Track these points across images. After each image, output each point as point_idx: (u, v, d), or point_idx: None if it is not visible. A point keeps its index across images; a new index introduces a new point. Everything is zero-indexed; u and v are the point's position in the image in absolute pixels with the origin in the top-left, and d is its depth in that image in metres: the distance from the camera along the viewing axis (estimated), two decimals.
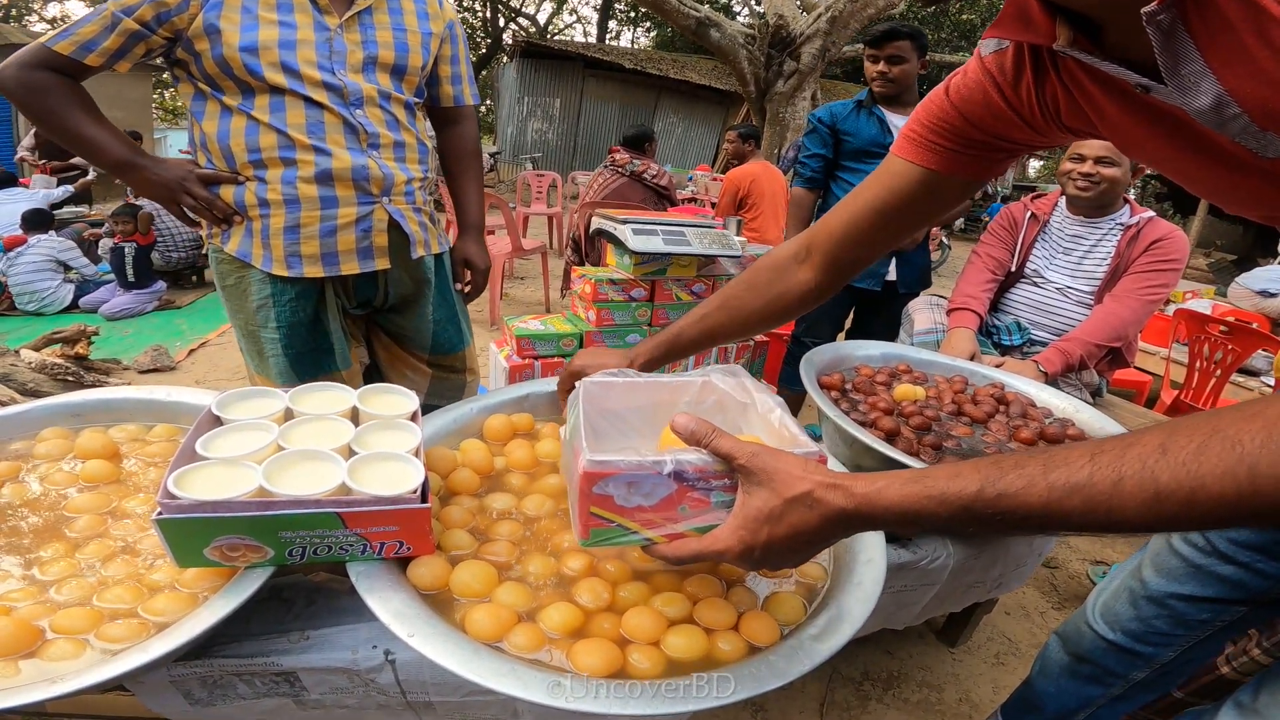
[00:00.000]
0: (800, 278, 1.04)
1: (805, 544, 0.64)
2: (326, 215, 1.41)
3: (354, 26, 1.40)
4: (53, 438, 1.06)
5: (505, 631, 0.75)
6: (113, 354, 3.65)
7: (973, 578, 1.38)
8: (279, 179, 1.38)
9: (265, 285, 1.43)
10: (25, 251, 4.47)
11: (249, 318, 1.46)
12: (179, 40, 1.31)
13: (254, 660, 0.83)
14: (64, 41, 1.28)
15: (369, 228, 1.46)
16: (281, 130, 1.35)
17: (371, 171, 1.43)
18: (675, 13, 7.55)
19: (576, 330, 2.09)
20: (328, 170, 1.39)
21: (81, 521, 0.89)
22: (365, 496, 0.76)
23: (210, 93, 1.36)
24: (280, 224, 1.39)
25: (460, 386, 1.80)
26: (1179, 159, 0.63)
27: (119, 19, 1.27)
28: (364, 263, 1.48)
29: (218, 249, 1.44)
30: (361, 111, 1.41)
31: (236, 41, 1.30)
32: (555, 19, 22.56)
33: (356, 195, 1.43)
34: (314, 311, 1.48)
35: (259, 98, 1.35)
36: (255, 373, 1.54)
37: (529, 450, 1.10)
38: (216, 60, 1.31)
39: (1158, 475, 0.47)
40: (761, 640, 0.77)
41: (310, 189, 1.39)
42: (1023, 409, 1.46)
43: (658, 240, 2.06)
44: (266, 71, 1.32)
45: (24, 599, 0.77)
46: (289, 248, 1.41)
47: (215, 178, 1.39)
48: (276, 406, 0.94)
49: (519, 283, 6.10)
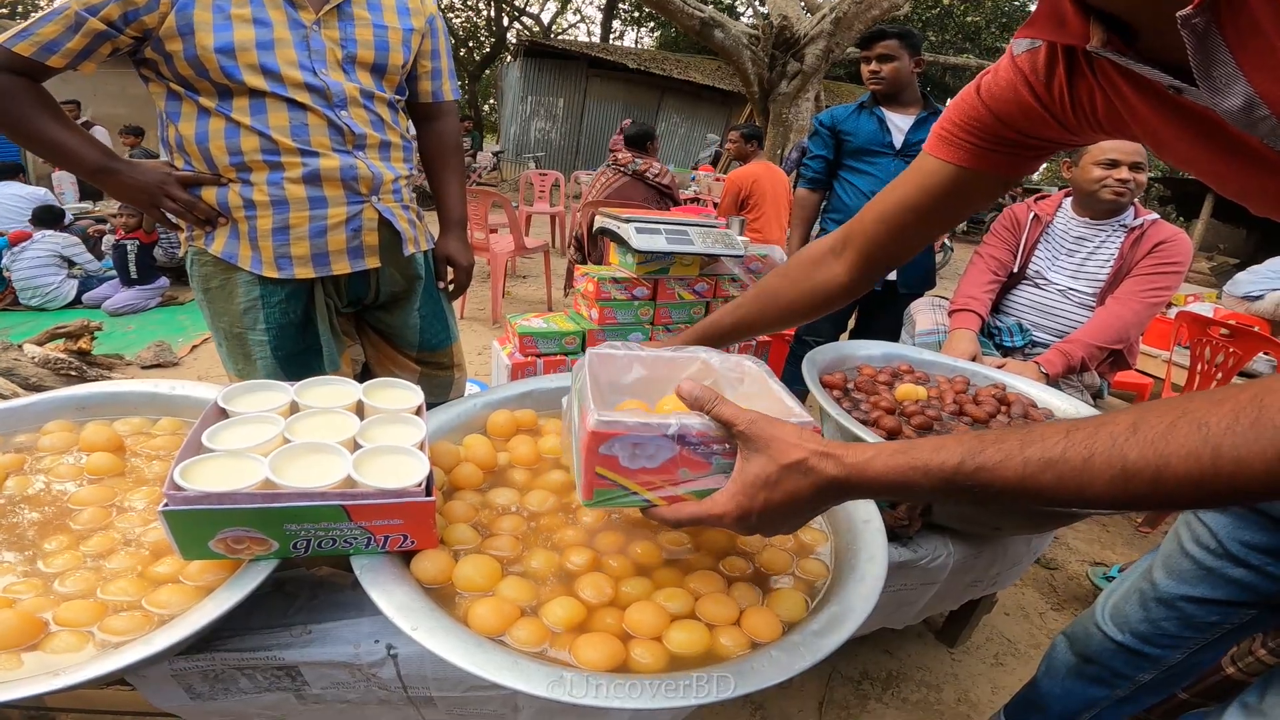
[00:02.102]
0: (834, 271, 1.04)
1: (799, 510, 0.66)
2: (316, 215, 1.39)
3: (332, 23, 1.36)
4: (57, 430, 1.06)
5: (508, 626, 0.75)
6: (116, 349, 3.66)
7: (972, 576, 1.38)
8: (264, 180, 1.35)
9: (254, 287, 1.40)
10: (30, 246, 4.48)
11: (234, 320, 1.43)
12: (148, 39, 1.26)
13: (256, 654, 0.83)
14: (23, 43, 1.21)
15: (359, 227, 1.45)
16: (264, 133, 1.32)
17: (360, 171, 1.42)
18: (679, 13, 7.55)
19: (579, 328, 2.09)
20: (315, 171, 1.37)
21: (86, 514, 0.90)
22: (370, 490, 0.76)
23: (184, 93, 1.31)
24: (269, 225, 1.37)
25: (449, 383, 1.80)
26: (1210, 160, 0.64)
27: (83, 19, 1.21)
28: (355, 262, 1.47)
29: (200, 251, 1.40)
30: (346, 112, 1.39)
31: (211, 42, 1.25)
32: (559, 18, 22.58)
33: (345, 195, 1.41)
34: (304, 313, 1.47)
35: (237, 99, 1.31)
36: (237, 376, 1.50)
37: (532, 446, 1.11)
38: (189, 60, 1.26)
39: (1126, 453, 0.48)
40: (763, 636, 0.77)
41: (298, 190, 1.37)
42: (1024, 410, 1.46)
43: (661, 239, 2.06)
44: (245, 74, 1.28)
45: (27, 591, 0.77)
46: (279, 249, 1.38)
47: (195, 179, 1.35)
48: (282, 400, 0.94)
49: (522, 281, 6.11)
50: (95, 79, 13.63)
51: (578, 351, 2.10)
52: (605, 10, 19.57)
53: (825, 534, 0.99)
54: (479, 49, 20.92)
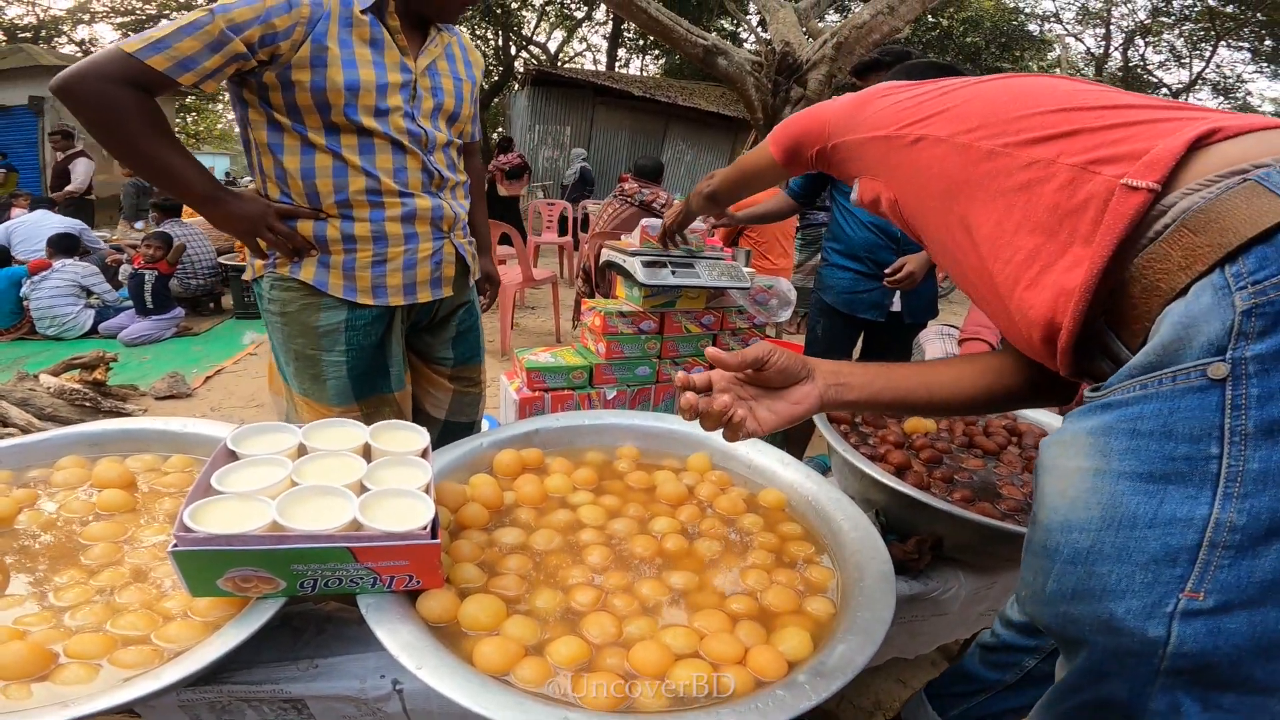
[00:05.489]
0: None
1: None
2: (409, 250, 1.46)
3: (425, 73, 1.42)
4: (70, 466, 1.08)
5: (513, 664, 0.76)
6: (130, 380, 3.70)
7: (986, 605, 1.37)
8: (366, 217, 1.40)
9: (339, 311, 1.44)
10: (50, 276, 4.54)
11: (310, 342, 1.46)
12: (272, 65, 1.25)
13: (263, 687, 0.84)
14: (158, 56, 1.16)
15: (440, 260, 1.53)
16: (371, 173, 1.36)
17: (444, 211, 1.50)
18: (683, 41, 7.66)
19: (586, 363, 2.10)
20: (413, 211, 1.44)
21: (97, 549, 0.91)
22: (376, 532, 0.77)
23: (290, 125, 1.31)
24: (368, 259, 1.42)
25: (477, 400, 1.86)
26: None
27: (228, 38, 1.18)
28: (435, 291, 1.55)
29: (282, 277, 1.43)
30: (434, 156, 1.46)
31: (341, 78, 1.27)
32: (566, 47, 22.94)
33: (432, 232, 1.49)
34: (382, 335, 1.53)
35: (345, 136, 1.33)
36: (300, 395, 1.52)
37: (538, 485, 1.12)
38: (314, 92, 1.27)
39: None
40: (768, 675, 0.77)
41: (396, 227, 1.43)
42: (1036, 440, 1.45)
43: (667, 273, 2.07)
44: (362, 114, 1.31)
45: (38, 623, 0.78)
46: (375, 280, 1.44)
47: (294, 213, 1.37)
48: (290, 442, 0.95)
49: (530, 312, 6.14)
50: None
51: (585, 386, 2.11)
52: (610, 38, 19.87)
53: (832, 571, 0.99)
54: (487, 78, 21.27)
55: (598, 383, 2.13)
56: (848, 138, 0.99)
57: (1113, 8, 16.91)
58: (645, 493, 1.17)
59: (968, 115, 0.81)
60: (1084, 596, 0.62)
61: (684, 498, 1.14)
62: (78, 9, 16.53)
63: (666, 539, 1.02)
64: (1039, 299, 0.69)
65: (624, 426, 1.35)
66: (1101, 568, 0.60)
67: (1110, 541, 0.59)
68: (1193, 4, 15.57)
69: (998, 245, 0.74)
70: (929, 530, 1.21)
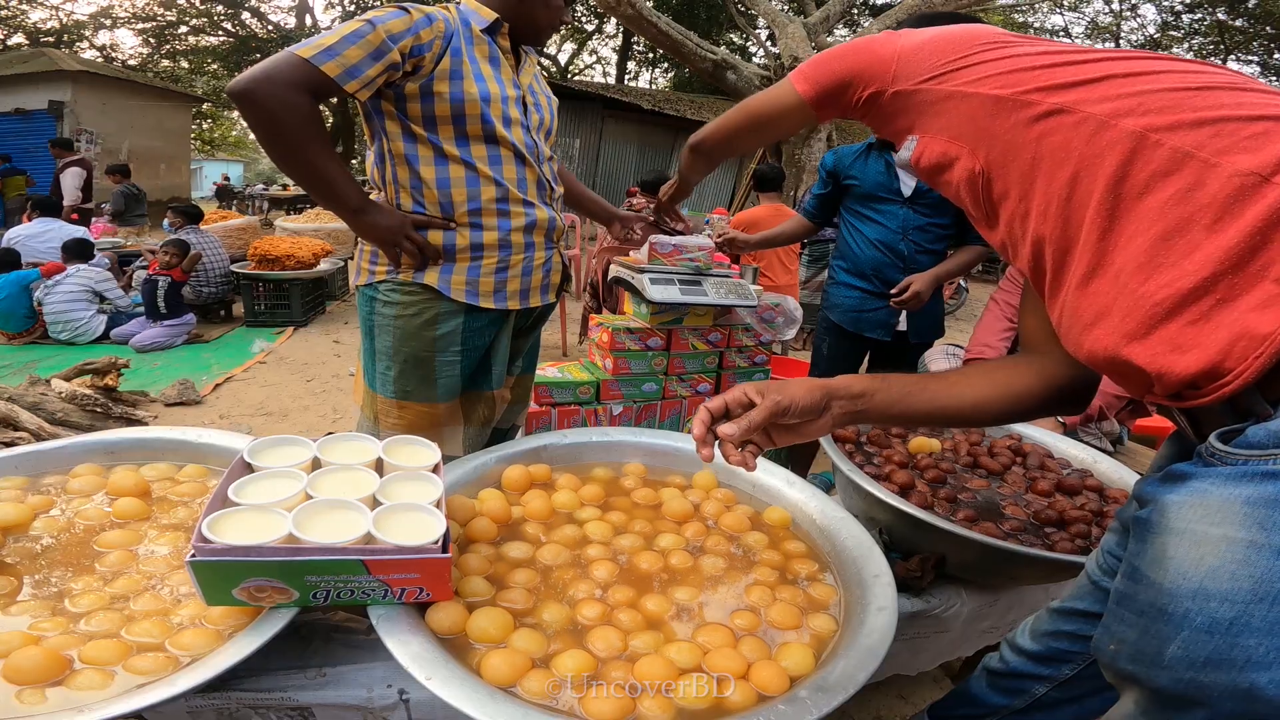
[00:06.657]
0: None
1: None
2: (528, 259, 1.52)
3: (528, 90, 1.50)
4: (86, 474, 1.10)
5: (520, 677, 0.77)
6: (141, 386, 3.73)
7: (988, 623, 1.37)
8: (495, 226, 1.45)
9: (457, 315, 1.47)
10: (63, 280, 4.58)
11: (424, 344, 1.48)
12: (414, 75, 1.29)
13: (270, 694, 0.85)
14: (331, 63, 1.18)
15: (549, 268, 1.60)
16: (500, 183, 1.42)
17: (556, 223, 1.58)
18: (693, 55, 7.74)
19: (593, 379, 2.12)
20: (534, 221, 1.50)
21: (112, 556, 0.93)
22: (389, 546, 0.79)
23: (425, 136, 1.35)
24: (493, 266, 1.47)
25: (523, 410, 1.90)
26: None
27: (388, 47, 1.21)
28: (544, 296, 1.62)
29: (404, 282, 1.44)
30: (544, 168, 1.53)
31: (476, 90, 1.33)
32: (576, 59, 23.11)
33: (545, 241, 1.56)
34: (493, 337, 1.58)
35: (475, 146, 1.38)
36: (402, 398, 1.53)
37: (546, 501, 1.13)
38: (453, 103, 1.32)
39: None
40: (771, 689, 0.78)
41: (519, 237, 1.49)
42: (1040, 460, 1.46)
43: (675, 290, 2.09)
44: (498, 123, 1.37)
45: (54, 629, 0.80)
46: (498, 285, 1.49)
47: (427, 224, 1.41)
48: (305, 455, 0.97)
49: None
50: (132, 112, 13.47)
51: (592, 402, 2.14)
52: (620, 51, 20.03)
53: (835, 589, 1.00)
54: None
55: (604, 398, 2.14)
56: (924, 85, 0.83)
57: (1122, 23, 16.94)
58: (651, 509, 1.18)
59: (1142, 98, 0.67)
60: (1221, 665, 0.60)
61: (690, 515, 1.15)
62: (100, 14, 16.71)
63: (672, 555, 1.03)
64: (1209, 338, 0.61)
65: (631, 444, 1.36)
66: (1248, 640, 0.58)
67: (1262, 615, 0.57)
68: (1202, 18, 15.57)
69: (1153, 266, 0.65)
70: (932, 549, 1.22)
